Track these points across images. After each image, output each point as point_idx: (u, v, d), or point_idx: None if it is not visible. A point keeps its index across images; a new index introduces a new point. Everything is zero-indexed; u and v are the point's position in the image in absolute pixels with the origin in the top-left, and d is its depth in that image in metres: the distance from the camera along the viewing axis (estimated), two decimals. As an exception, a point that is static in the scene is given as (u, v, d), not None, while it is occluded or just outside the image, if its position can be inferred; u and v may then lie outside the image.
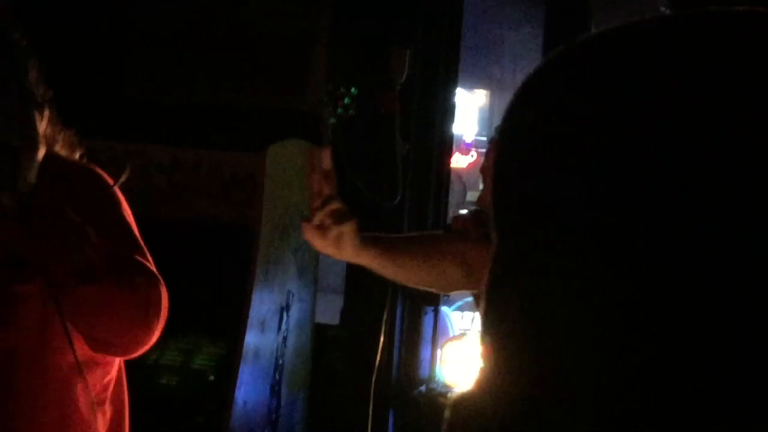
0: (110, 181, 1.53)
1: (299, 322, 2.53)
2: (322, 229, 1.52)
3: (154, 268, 1.49)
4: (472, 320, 3.43)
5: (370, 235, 1.61)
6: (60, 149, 1.51)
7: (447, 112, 2.40)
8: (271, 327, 2.37)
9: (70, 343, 1.34)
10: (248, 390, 2.33)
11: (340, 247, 1.54)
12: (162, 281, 1.44)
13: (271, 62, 2.23)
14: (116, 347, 1.45)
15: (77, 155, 1.55)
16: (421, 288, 1.86)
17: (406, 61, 2.19)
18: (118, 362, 1.53)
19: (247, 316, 2.25)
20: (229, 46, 2.23)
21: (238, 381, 2.27)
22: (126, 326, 1.40)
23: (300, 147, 2.34)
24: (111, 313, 1.39)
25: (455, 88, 2.43)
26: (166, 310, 1.42)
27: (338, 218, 1.50)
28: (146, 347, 1.43)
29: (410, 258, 1.67)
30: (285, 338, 2.44)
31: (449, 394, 2.34)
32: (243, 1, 2.30)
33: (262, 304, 2.30)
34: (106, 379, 1.54)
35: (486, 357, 0.50)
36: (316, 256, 2.50)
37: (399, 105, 2.15)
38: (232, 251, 2.31)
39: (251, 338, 2.26)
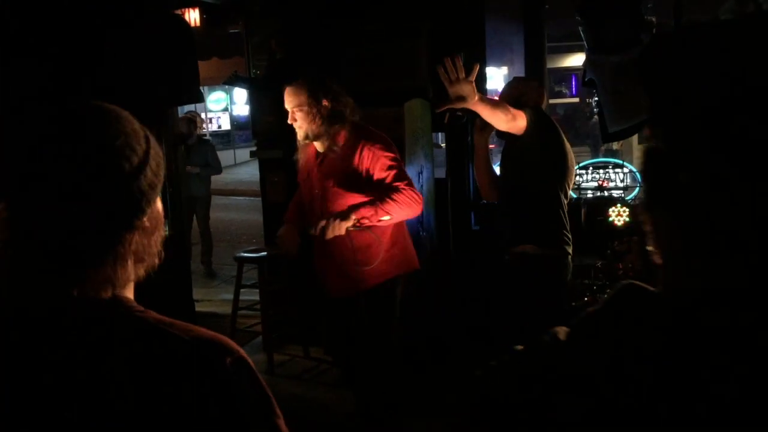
0: (371, 132, 3.25)
1: (427, 178, 4.62)
2: (459, 82, 2.87)
3: (407, 180, 3.16)
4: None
5: (482, 95, 3.00)
6: (349, 115, 3.25)
7: (482, 77, 4.82)
8: (415, 180, 4.29)
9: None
10: None
11: (470, 94, 2.85)
12: (409, 185, 3.14)
13: (404, 68, 4.71)
14: (409, 217, 3.32)
15: (356, 114, 3.29)
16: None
17: (462, 57, 4.52)
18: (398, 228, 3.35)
19: None
20: (389, 65, 4.71)
21: None
22: (409, 211, 3.19)
23: (419, 102, 4.50)
24: (403, 211, 3.16)
25: (484, 67, 4.79)
26: (419, 198, 3.17)
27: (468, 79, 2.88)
28: (418, 213, 3.27)
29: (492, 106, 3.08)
30: (422, 185, 4.50)
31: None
32: (384, 41, 4.76)
33: (410, 172, 4.18)
34: (389, 240, 3.31)
35: None
36: (432, 150, 4.79)
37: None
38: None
39: None
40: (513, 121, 3.14)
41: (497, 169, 4.20)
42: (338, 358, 3.89)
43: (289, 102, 3.22)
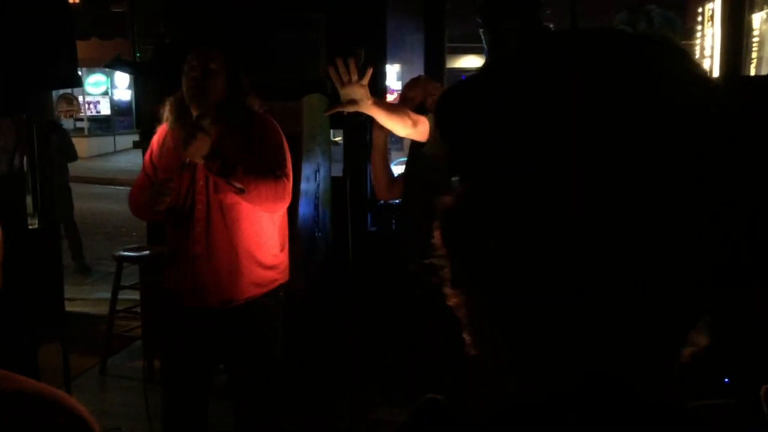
0: (275, 125, 2.80)
1: (324, 176, 4.40)
2: (351, 84, 2.62)
3: (287, 175, 2.71)
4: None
5: (378, 99, 2.80)
6: (252, 104, 2.83)
7: (382, 74, 4.71)
8: (312, 179, 4.20)
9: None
10: (304, 209, 4.08)
11: (363, 98, 2.64)
12: (288, 182, 2.69)
13: (302, 61, 4.51)
14: (266, 208, 2.73)
15: (261, 109, 2.87)
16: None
17: (363, 54, 4.38)
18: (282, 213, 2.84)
19: (300, 176, 3.85)
20: (287, 57, 4.49)
21: (299, 205, 3.93)
22: (270, 204, 2.70)
23: (317, 96, 4.29)
24: (262, 199, 2.67)
25: (385, 64, 4.70)
26: (290, 194, 2.74)
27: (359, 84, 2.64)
28: (281, 210, 2.80)
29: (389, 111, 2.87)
30: (318, 183, 4.31)
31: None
32: (282, 32, 4.55)
33: (307, 169, 4.07)
34: (277, 226, 2.84)
35: None
36: (330, 147, 4.64)
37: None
38: (290, 146, 4.12)
39: (303, 185, 4.00)
40: (413, 128, 2.95)
41: (396, 169, 4.10)
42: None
43: (203, 56, 2.72)
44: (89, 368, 4.48)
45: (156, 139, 2.88)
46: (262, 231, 2.79)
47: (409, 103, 3.31)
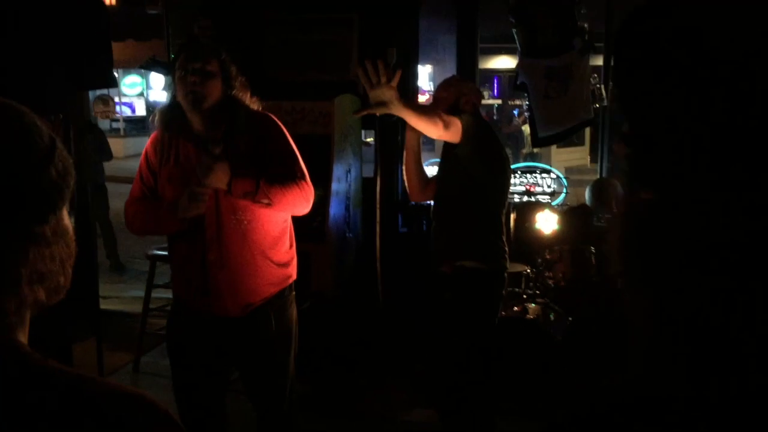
0: (278, 122, 2.63)
1: (355, 177, 4.44)
2: (381, 86, 2.64)
3: (306, 176, 2.63)
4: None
5: (408, 100, 2.79)
6: (250, 103, 2.66)
7: (414, 75, 4.70)
8: (343, 179, 4.28)
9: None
10: (335, 209, 4.16)
11: (392, 100, 2.67)
12: (309, 181, 2.61)
13: (334, 61, 4.52)
14: (294, 213, 2.70)
15: (259, 107, 2.70)
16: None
17: (394, 54, 4.37)
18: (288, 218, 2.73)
19: (331, 177, 4.08)
20: (319, 57, 4.52)
21: (330, 205, 4.08)
22: (296, 207, 2.63)
23: (349, 97, 4.30)
24: (290, 205, 2.62)
25: (417, 64, 4.69)
26: (312, 189, 2.64)
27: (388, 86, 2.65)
28: (308, 209, 2.67)
29: (419, 113, 2.87)
30: (350, 184, 4.35)
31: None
32: (315, 31, 4.57)
33: (338, 170, 4.16)
34: (287, 223, 2.73)
35: None
36: (361, 147, 4.62)
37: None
38: (321, 147, 4.03)
39: (334, 186, 4.13)
40: (445, 130, 2.90)
41: (429, 169, 4.05)
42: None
43: (197, 59, 2.56)
44: (123, 366, 4.53)
45: (149, 147, 2.75)
46: (275, 228, 2.69)
47: (441, 103, 3.27)
